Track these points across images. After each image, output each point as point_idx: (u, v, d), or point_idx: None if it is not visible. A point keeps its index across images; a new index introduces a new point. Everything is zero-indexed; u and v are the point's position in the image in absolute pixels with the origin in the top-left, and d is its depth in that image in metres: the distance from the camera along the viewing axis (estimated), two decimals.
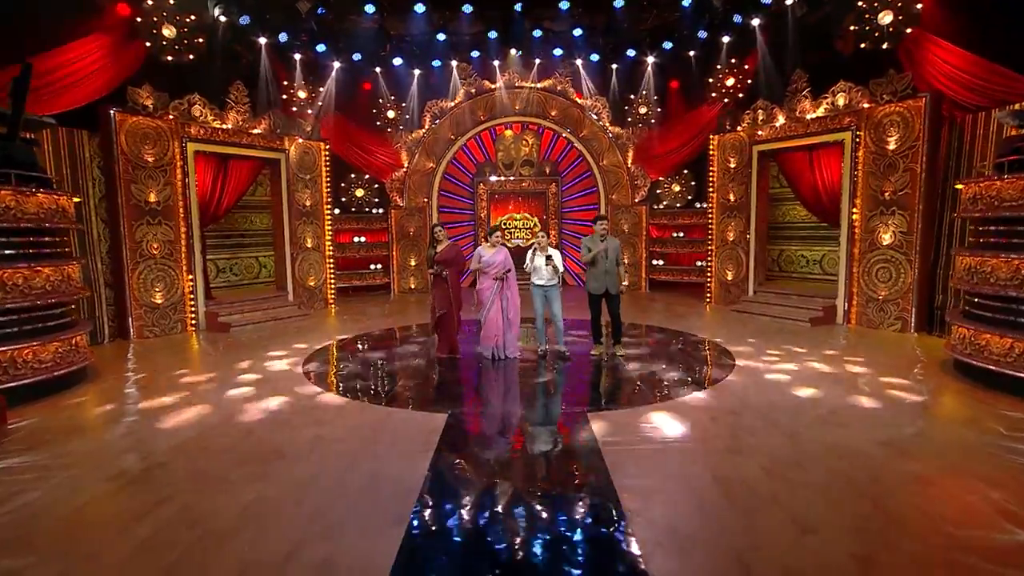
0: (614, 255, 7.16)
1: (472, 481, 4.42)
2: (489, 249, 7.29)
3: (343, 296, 13.91)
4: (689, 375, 6.97)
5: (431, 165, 14.77)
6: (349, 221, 14.14)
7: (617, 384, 6.79)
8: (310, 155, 12.18)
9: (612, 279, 7.21)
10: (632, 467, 4.60)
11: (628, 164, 14.56)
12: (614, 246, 7.21)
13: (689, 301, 12.70)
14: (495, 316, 7.23)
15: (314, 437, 5.25)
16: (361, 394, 6.32)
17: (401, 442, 5.08)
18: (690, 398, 6.19)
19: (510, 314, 7.30)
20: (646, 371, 7.09)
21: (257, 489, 4.26)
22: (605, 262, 7.11)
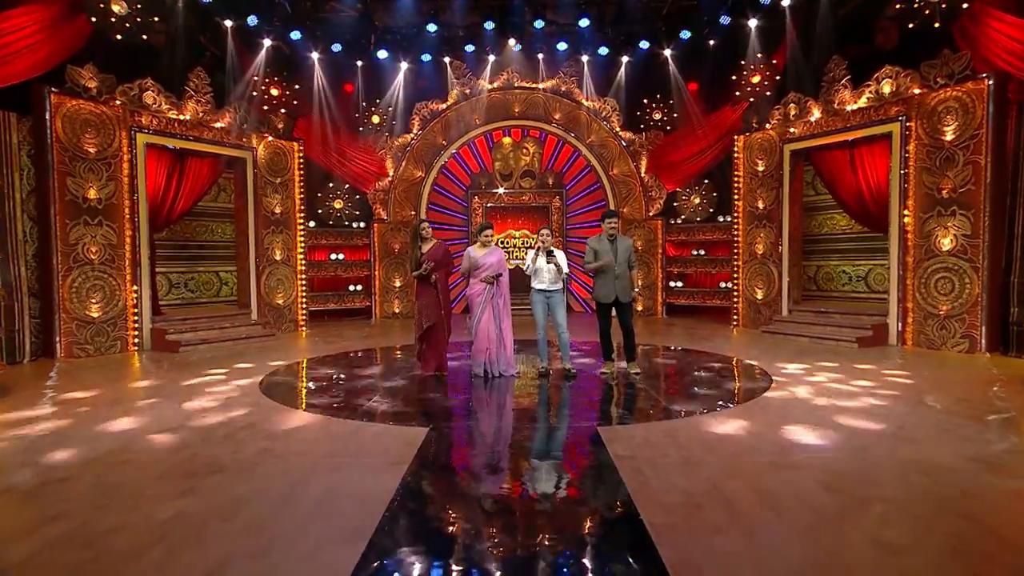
0: (626, 256, 6.89)
1: (451, 496, 3.95)
2: (480, 249, 7.07)
3: (317, 321, 13.69)
4: (719, 391, 6.64)
5: (419, 174, 14.59)
6: (326, 236, 13.93)
7: (632, 400, 6.41)
8: (281, 155, 11.98)
9: (623, 285, 6.92)
10: (656, 482, 4.05)
11: (641, 173, 14.39)
12: (625, 246, 6.96)
13: (712, 325, 12.48)
14: (486, 324, 6.97)
15: (262, 451, 4.78)
16: (328, 410, 5.95)
17: (369, 456, 4.64)
18: (722, 413, 5.79)
19: (503, 323, 7.03)
20: (667, 387, 6.83)
21: (179, 505, 3.74)
22: (615, 265, 6.84)
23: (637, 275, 7.09)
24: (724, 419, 5.58)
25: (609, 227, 6.89)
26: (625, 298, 6.99)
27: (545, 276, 7.04)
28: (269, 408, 6.07)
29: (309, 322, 12.52)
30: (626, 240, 7.05)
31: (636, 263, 7.09)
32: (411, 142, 14.32)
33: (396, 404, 6.21)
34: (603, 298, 7.04)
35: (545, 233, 6.97)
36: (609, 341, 7.24)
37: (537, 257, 6.97)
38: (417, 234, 7.10)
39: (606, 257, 6.93)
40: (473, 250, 7.06)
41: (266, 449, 4.83)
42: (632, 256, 7.02)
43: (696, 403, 6.13)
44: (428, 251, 7.00)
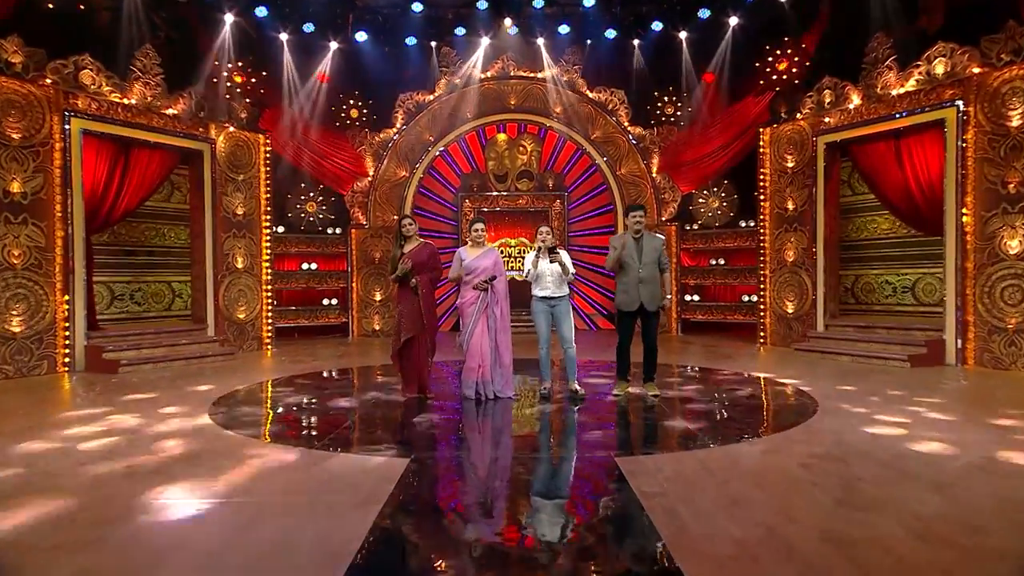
0: (654, 257, 6.57)
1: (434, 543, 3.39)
2: (472, 250, 6.74)
3: (285, 338, 13.27)
4: (756, 416, 6.31)
5: (403, 174, 14.32)
6: (297, 243, 13.64)
7: (654, 426, 5.96)
8: (245, 149, 11.59)
9: (651, 291, 6.56)
10: (697, 526, 3.50)
11: (653, 173, 14.17)
12: (654, 245, 6.64)
13: (735, 343, 12.18)
14: (479, 338, 6.59)
15: (199, 489, 4.14)
16: (288, 439, 5.51)
17: (335, 494, 4.09)
18: (763, 441, 5.30)
19: (499, 336, 6.64)
20: (694, 411, 6.37)
21: (80, 563, 3.13)
22: (639, 266, 6.50)
23: (670, 279, 6.55)
24: (767, 448, 5.06)
25: (634, 223, 6.59)
26: (652, 306, 6.63)
27: (548, 281, 6.72)
28: (215, 437, 5.54)
29: (276, 340, 12.13)
30: (655, 238, 6.72)
31: (668, 265, 6.78)
32: (394, 138, 14.07)
33: (371, 431, 5.83)
34: (625, 305, 6.70)
35: (545, 230, 6.69)
36: (627, 357, 6.91)
37: (538, 259, 6.64)
38: (399, 232, 6.79)
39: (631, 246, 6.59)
40: (463, 251, 6.76)
41: (205, 488, 4.25)
42: (663, 256, 6.68)
43: (730, 430, 5.72)
44: (410, 251, 6.68)
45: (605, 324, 14.92)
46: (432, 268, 6.78)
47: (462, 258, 6.70)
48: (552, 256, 6.56)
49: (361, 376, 8.82)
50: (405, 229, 6.73)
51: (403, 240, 6.77)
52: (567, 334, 6.70)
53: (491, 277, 6.59)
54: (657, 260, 6.61)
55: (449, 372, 8.68)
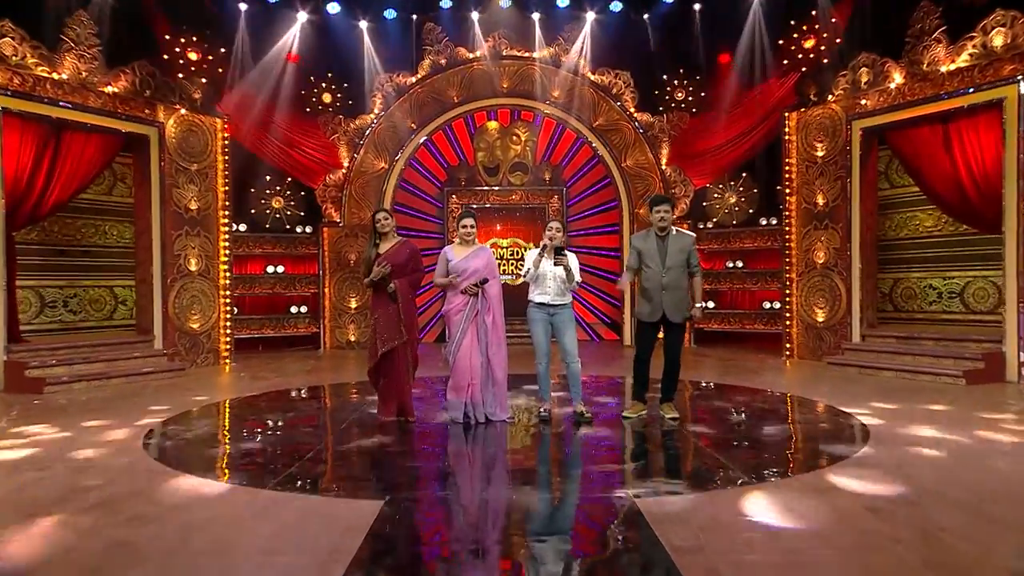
0: (681, 259, 6.32)
1: None
2: (459, 249, 6.48)
3: (247, 351, 12.94)
4: (798, 445, 5.88)
5: (381, 166, 13.85)
6: (261, 243, 13.29)
7: (677, 458, 5.56)
8: (199, 135, 11.17)
9: (676, 299, 6.33)
10: None
11: (662, 165, 13.78)
12: (681, 246, 6.37)
13: (757, 356, 11.89)
14: (468, 352, 6.31)
15: (113, 545, 3.62)
16: (239, 476, 5.00)
17: (289, 550, 3.53)
18: (816, 477, 4.75)
19: (491, 349, 6.35)
20: (723, 438, 5.93)
21: None
22: (663, 270, 6.26)
23: (701, 284, 6.55)
24: (821, 487, 4.51)
25: (659, 218, 6.31)
26: (677, 317, 6.38)
27: (550, 285, 6.46)
28: (149, 473, 4.99)
29: (236, 353, 11.80)
30: (684, 236, 6.45)
31: (698, 268, 6.54)
32: (371, 125, 13.62)
33: (339, 465, 5.37)
34: (645, 316, 6.50)
35: (556, 226, 6.38)
36: (644, 375, 6.67)
37: (541, 258, 6.33)
38: (375, 229, 6.53)
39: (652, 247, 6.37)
40: (450, 251, 6.50)
41: (121, 543, 3.63)
42: (693, 258, 6.42)
43: (769, 461, 5.26)
44: (387, 251, 6.42)
45: (609, 334, 14.72)
46: (413, 270, 6.53)
47: (448, 258, 6.42)
48: (557, 258, 6.25)
49: (333, 395, 8.52)
50: (380, 225, 6.47)
51: (378, 238, 6.51)
52: (570, 346, 6.45)
53: (482, 280, 6.28)
54: (685, 263, 6.36)
55: (434, 390, 8.38)
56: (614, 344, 14.09)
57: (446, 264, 6.40)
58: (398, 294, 6.36)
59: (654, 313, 6.41)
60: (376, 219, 6.50)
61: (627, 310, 13.53)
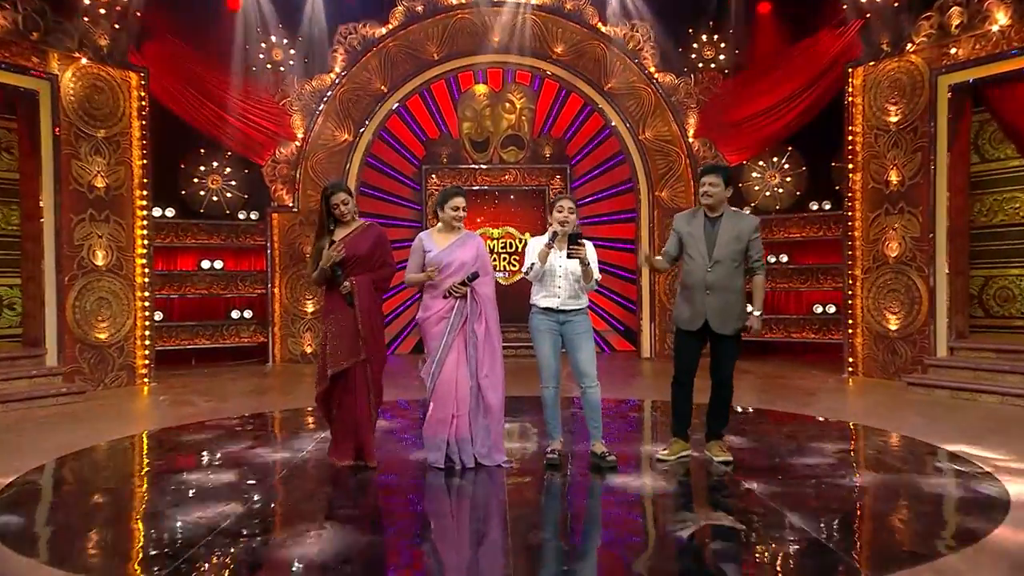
0: (735, 249, 5.84)
1: None
2: (442, 236, 6.09)
3: (176, 366, 12.38)
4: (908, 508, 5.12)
5: (345, 138, 13.25)
6: (194, 232, 12.74)
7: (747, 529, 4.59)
8: (108, 93, 10.36)
9: (725, 303, 5.86)
10: None
11: (689, 138, 13.26)
12: (736, 232, 5.87)
13: (809, 373, 11.41)
14: (453, 374, 5.95)
15: None
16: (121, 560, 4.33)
17: None
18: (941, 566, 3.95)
19: (483, 369, 6.01)
20: (797, 494, 5.25)
21: None
22: (708, 264, 5.80)
23: (762, 284, 6.02)
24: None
25: (704, 193, 5.89)
26: (725, 326, 5.84)
27: (560, 284, 5.97)
28: None
29: (159, 369, 11.22)
30: (742, 219, 5.94)
31: (761, 263, 6.00)
32: (332, 87, 13.03)
33: (267, 537, 4.60)
34: (684, 323, 6.01)
35: (567, 206, 5.91)
36: (685, 401, 6.13)
37: (550, 250, 5.86)
38: (328, 211, 6.00)
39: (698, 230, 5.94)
40: (428, 238, 6.08)
41: None
42: (753, 249, 5.86)
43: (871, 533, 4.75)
44: (345, 238, 5.96)
45: (622, 344, 14.25)
46: (379, 264, 6.07)
47: (425, 248, 5.98)
48: (572, 249, 5.65)
49: (284, 429, 7.95)
50: (336, 207, 5.92)
51: (333, 224, 6.01)
52: (586, 366, 5.93)
53: (471, 275, 5.83)
54: (741, 254, 5.82)
55: (406, 421, 7.85)
56: (629, 357, 13.58)
57: (422, 256, 5.93)
58: (356, 295, 5.83)
59: (694, 320, 5.88)
60: (331, 202, 5.89)
61: (645, 314, 13.20)
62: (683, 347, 6.09)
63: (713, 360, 5.98)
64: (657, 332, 12.98)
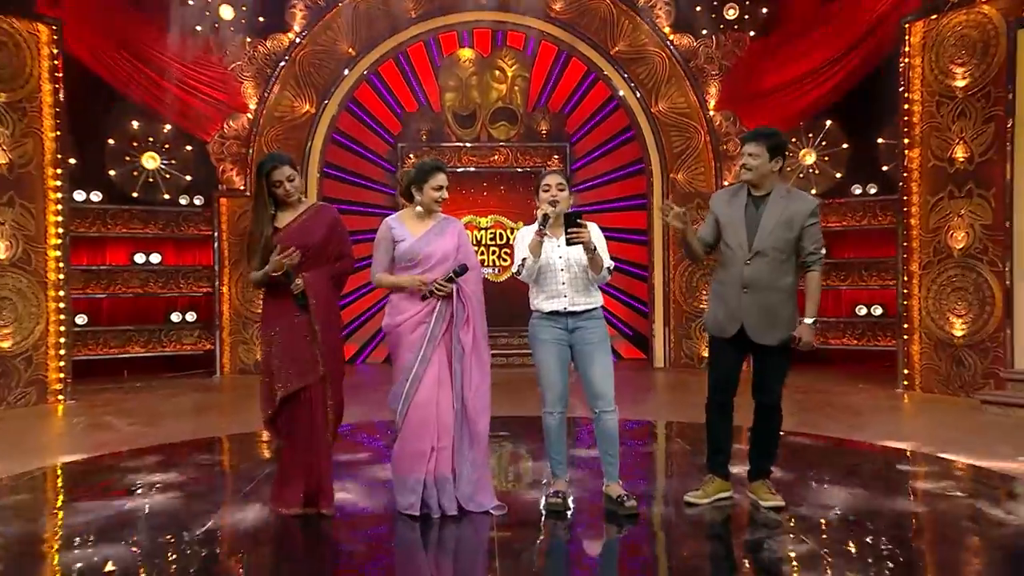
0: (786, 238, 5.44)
1: None
2: (416, 222, 5.70)
3: (103, 379, 11.97)
4: None
5: (306, 109, 12.99)
6: (125, 219, 12.44)
7: None
8: (11, 50, 10.02)
9: (766, 305, 5.46)
10: None
11: (710, 110, 13.05)
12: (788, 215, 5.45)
13: (854, 387, 11.05)
14: (431, 395, 5.49)
15: None
16: None
17: None
18: None
19: (468, 388, 5.57)
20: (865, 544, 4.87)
21: None
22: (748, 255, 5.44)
23: (818, 283, 5.48)
24: None
25: (744, 166, 5.49)
26: (766, 336, 5.43)
27: (563, 281, 5.60)
28: None
29: (79, 383, 10.85)
30: (796, 200, 5.47)
31: (818, 256, 5.51)
32: (290, 49, 12.77)
33: None
34: (717, 329, 5.64)
35: (556, 182, 5.56)
36: (723, 428, 5.74)
37: (543, 238, 5.48)
38: (269, 188, 5.58)
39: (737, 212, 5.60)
40: (398, 225, 5.64)
41: None
42: (808, 239, 5.42)
43: None
44: (291, 225, 5.60)
45: (631, 352, 13.92)
46: (336, 255, 5.73)
47: (396, 237, 5.55)
48: (572, 232, 5.25)
49: (219, 459, 7.48)
50: (278, 185, 5.51)
51: (275, 207, 5.60)
52: (601, 384, 5.51)
53: (458, 269, 5.42)
54: (791, 245, 5.38)
55: (371, 454, 7.30)
56: (639, 367, 13.20)
57: (392, 245, 5.49)
58: (310, 296, 5.42)
59: (727, 324, 5.46)
60: (272, 179, 5.44)
61: (658, 316, 12.81)
62: (718, 360, 5.60)
63: (755, 378, 5.49)
64: (672, 338, 12.55)
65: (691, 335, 12.29)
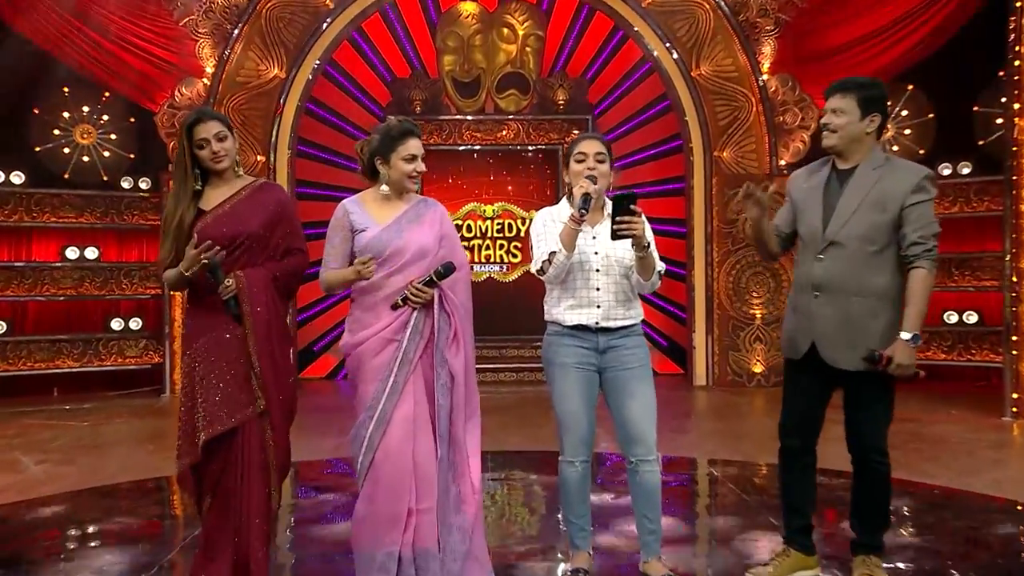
0: (875, 223, 4.66)
1: None
2: (381, 206, 4.91)
3: (27, 398, 11.70)
4: None
5: (275, 74, 12.40)
6: (55, 207, 12.18)
7: None
8: None
9: (850, 315, 4.68)
10: None
11: (763, 74, 12.41)
12: (879, 194, 4.64)
13: (946, 411, 10.38)
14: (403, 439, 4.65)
15: None
16: None
17: None
18: None
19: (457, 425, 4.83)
20: None
21: None
22: (821, 244, 4.77)
23: (926, 285, 4.56)
24: None
25: (826, 127, 4.72)
26: (846, 358, 4.65)
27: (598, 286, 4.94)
28: None
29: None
30: (896, 171, 4.69)
31: (928, 248, 4.57)
32: (254, 1, 12.26)
33: None
34: (788, 348, 5.01)
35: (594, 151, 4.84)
36: (800, 484, 5.01)
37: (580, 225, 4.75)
38: (189, 154, 4.86)
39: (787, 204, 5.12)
40: (359, 208, 4.92)
41: None
42: (910, 222, 4.60)
43: None
44: (220, 209, 4.88)
45: (666, 365, 13.26)
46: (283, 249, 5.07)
47: (357, 225, 4.87)
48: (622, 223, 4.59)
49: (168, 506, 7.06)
50: (208, 148, 4.79)
51: (201, 180, 4.91)
52: (641, 425, 4.86)
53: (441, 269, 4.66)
54: (885, 231, 4.68)
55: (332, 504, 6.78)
56: (676, 384, 12.50)
57: (350, 238, 4.86)
58: (245, 303, 4.77)
59: (796, 341, 4.90)
60: (196, 137, 4.76)
61: (699, 323, 12.05)
62: (791, 390, 4.94)
63: (846, 419, 4.71)
64: (716, 349, 11.88)
65: (739, 346, 11.66)
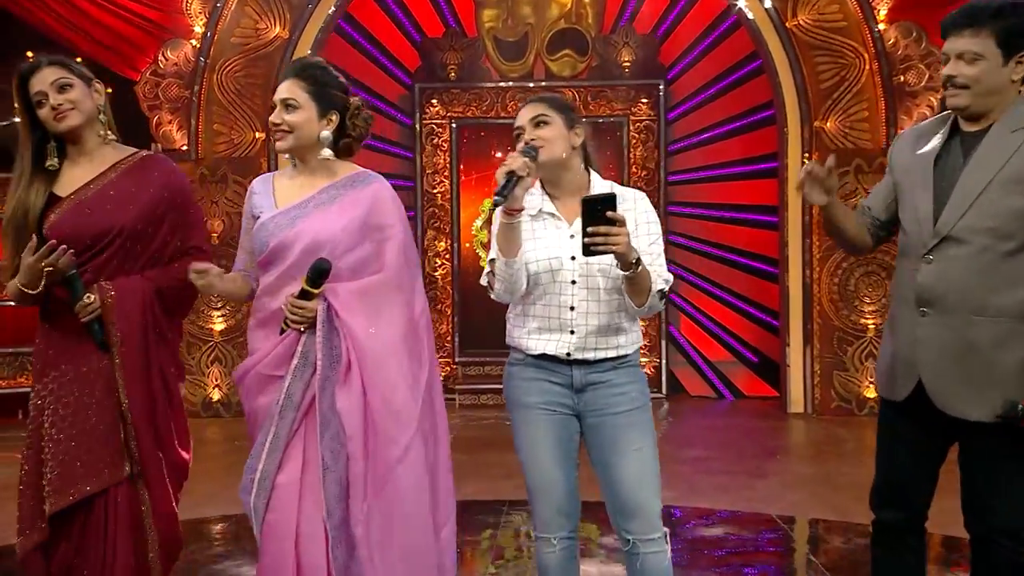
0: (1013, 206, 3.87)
1: None
2: (293, 182, 4.36)
3: None
4: None
5: (276, 33, 11.92)
6: None
7: None
8: None
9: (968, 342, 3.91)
10: None
11: (878, 23, 11.59)
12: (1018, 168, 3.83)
13: None
14: (286, 515, 4.12)
15: None
16: None
17: None
18: None
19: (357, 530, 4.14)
20: None
21: None
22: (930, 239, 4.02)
23: None
24: None
25: (949, 78, 3.86)
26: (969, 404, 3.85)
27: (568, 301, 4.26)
28: None
29: None
30: None
31: None
32: None
33: None
34: (884, 386, 4.18)
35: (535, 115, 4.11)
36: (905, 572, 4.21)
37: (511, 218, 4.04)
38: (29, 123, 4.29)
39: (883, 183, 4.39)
40: (262, 184, 4.34)
41: None
42: None
43: None
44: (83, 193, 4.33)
45: (756, 386, 12.47)
46: (173, 249, 4.52)
47: (257, 208, 4.25)
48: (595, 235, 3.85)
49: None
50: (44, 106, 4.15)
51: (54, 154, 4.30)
52: (637, 492, 4.13)
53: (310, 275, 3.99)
54: None
55: None
56: (767, 410, 11.53)
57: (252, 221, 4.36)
58: (115, 328, 4.22)
59: (895, 376, 4.04)
60: (32, 93, 4.18)
61: (795, 335, 11.12)
62: (888, 442, 4.22)
63: (963, 486, 3.97)
64: (816, 367, 10.91)
65: (847, 364, 10.69)
